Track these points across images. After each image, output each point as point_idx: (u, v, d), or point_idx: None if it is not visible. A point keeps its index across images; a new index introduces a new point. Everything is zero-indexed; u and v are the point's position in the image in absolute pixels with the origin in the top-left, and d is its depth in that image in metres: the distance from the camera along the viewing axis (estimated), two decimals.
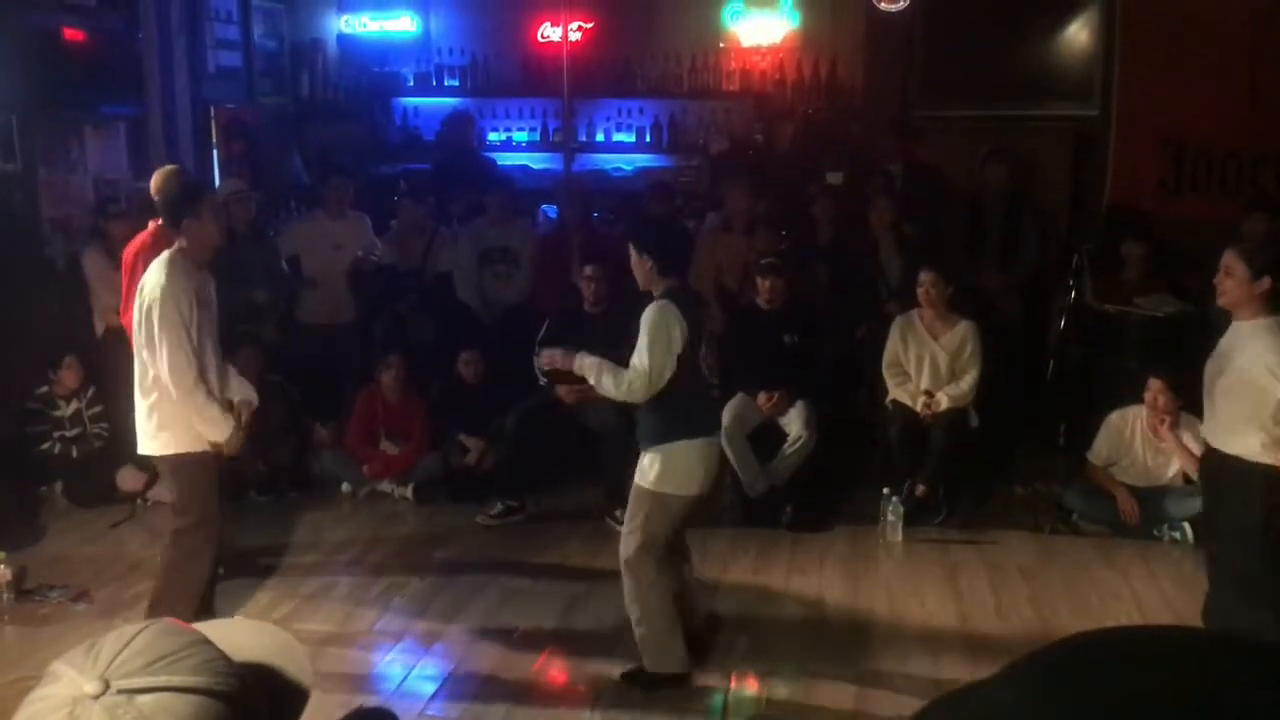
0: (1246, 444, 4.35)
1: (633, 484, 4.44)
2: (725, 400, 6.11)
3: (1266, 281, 4.24)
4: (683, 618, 4.54)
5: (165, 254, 4.53)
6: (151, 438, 4.57)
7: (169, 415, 4.50)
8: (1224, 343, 4.48)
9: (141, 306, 4.42)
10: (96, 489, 6.40)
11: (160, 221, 5.00)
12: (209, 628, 1.20)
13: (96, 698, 1.02)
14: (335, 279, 7.42)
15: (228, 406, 4.64)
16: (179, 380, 4.40)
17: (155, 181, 5.04)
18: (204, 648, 1.10)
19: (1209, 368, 4.53)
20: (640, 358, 4.24)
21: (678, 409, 4.32)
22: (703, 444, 4.37)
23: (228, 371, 4.80)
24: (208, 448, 4.59)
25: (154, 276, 4.43)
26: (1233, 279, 4.30)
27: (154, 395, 4.50)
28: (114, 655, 1.05)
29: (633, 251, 4.41)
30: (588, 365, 4.39)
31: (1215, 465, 4.51)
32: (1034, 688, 0.76)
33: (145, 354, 4.46)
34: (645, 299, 4.39)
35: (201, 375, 4.46)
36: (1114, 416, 6.15)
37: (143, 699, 1.03)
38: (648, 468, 4.36)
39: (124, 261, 5.56)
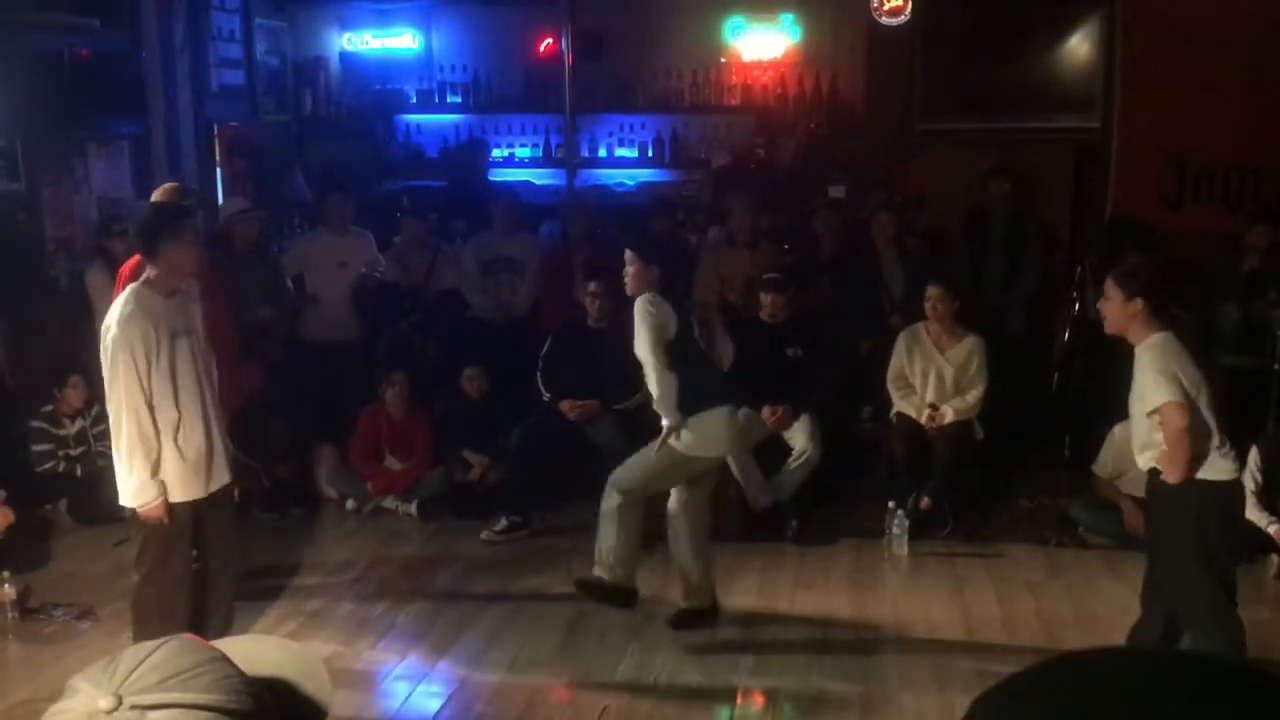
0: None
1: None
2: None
3: (1138, 303, 4.24)
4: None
5: (125, 291, 4.26)
6: (122, 486, 4.33)
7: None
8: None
9: (104, 349, 4.22)
10: (100, 507, 6.35)
11: None
12: (232, 644, 1.20)
13: (110, 713, 1.03)
14: (339, 296, 7.42)
15: (206, 453, 4.39)
16: (126, 432, 4.21)
17: (154, 196, 4.85)
18: (219, 665, 1.10)
19: (1130, 397, 4.54)
20: (643, 354, 4.65)
21: (691, 384, 4.68)
22: (725, 411, 4.74)
23: (214, 407, 4.54)
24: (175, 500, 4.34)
25: (112, 317, 4.21)
26: (1110, 303, 4.32)
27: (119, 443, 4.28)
28: (130, 671, 1.06)
29: (638, 260, 4.62)
30: (666, 426, 4.77)
31: (1151, 489, 4.49)
32: None
33: (109, 397, 4.24)
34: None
35: (156, 424, 4.23)
36: (1118, 429, 6.11)
37: (154, 715, 1.03)
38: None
39: (119, 283, 5.11)
